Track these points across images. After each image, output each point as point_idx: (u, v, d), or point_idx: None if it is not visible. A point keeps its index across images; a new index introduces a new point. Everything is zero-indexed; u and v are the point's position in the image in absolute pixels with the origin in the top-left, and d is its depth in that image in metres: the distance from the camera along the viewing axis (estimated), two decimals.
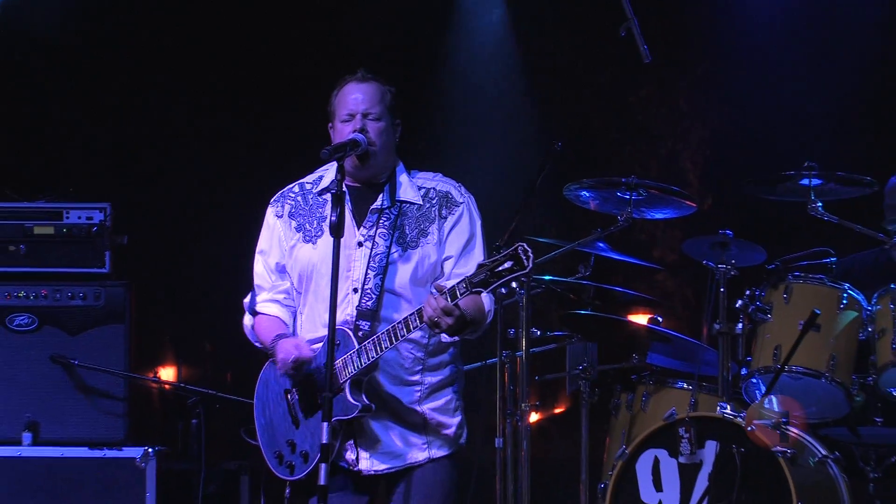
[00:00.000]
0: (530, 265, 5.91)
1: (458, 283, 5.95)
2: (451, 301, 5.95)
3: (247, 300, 6.50)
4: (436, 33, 10.01)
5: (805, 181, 7.57)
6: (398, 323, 6.08)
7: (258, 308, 6.49)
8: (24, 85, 9.71)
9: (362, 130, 6.21)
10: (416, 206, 6.35)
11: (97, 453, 7.89)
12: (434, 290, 6.02)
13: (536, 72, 10.00)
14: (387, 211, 6.29)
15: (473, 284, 5.94)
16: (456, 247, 6.33)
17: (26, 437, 7.90)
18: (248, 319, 6.49)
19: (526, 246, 5.90)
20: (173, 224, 9.69)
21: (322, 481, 5.85)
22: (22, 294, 8.05)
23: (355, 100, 6.27)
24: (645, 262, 8.87)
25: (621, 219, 7.84)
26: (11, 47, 9.64)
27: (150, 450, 7.87)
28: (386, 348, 6.11)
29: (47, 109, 9.79)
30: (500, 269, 5.93)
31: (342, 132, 6.24)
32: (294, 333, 6.48)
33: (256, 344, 6.55)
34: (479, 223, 6.43)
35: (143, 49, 9.78)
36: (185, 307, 9.74)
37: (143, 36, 9.77)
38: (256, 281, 6.51)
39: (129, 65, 9.77)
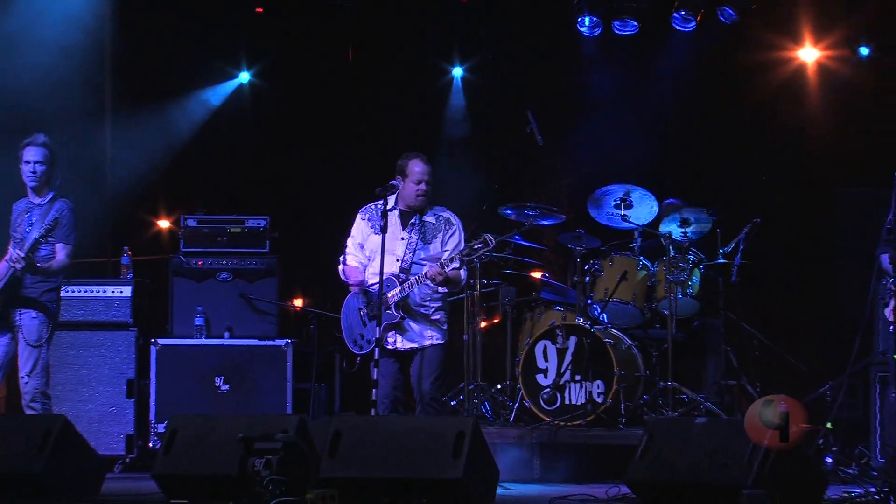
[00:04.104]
0: (492, 245, 7.13)
1: (446, 258, 7.17)
2: (442, 269, 7.18)
3: (341, 257, 7.60)
4: (434, 113, 10.94)
5: (620, 207, 9.02)
6: (416, 277, 7.31)
7: (347, 260, 7.57)
8: (219, 146, 10.72)
9: (426, 192, 7.35)
10: (432, 223, 7.50)
11: (262, 343, 9.10)
12: (435, 263, 7.26)
13: (485, 145, 10.86)
14: (417, 224, 7.49)
15: (460, 255, 7.10)
16: (451, 246, 7.46)
17: (227, 335, 9.24)
18: (340, 266, 7.59)
19: (492, 236, 7.15)
20: (301, 226, 10.53)
21: (376, 356, 7.20)
22: (224, 262, 9.32)
23: (423, 171, 7.40)
24: (539, 246, 9.65)
25: (527, 223, 9.09)
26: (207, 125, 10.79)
27: (289, 341, 9.02)
28: (411, 287, 7.33)
29: (236, 163, 10.72)
30: (477, 247, 7.11)
31: (411, 187, 7.38)
32: (364, 279, 7.43)
33: (343, 278, 7.57)
34: (462, 235, 7.46)
35: (289, 119, 10.60)
36: (307, 267, 10.38)
37: (291, 107, 10.55)
38: (346, 249, 7.61)
39: (280, 131, 10.69)
